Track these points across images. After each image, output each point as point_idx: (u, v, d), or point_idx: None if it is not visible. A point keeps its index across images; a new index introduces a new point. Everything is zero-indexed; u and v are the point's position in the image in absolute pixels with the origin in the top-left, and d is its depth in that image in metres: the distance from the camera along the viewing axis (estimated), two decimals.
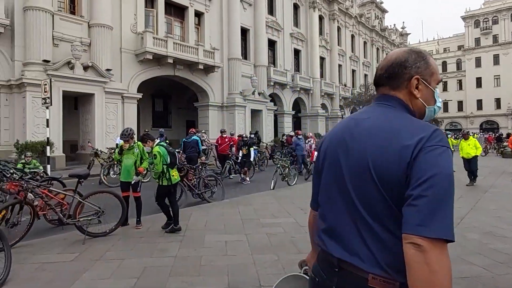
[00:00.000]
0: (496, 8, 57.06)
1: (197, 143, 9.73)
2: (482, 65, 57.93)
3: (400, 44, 54.06)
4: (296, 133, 12.86)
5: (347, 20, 39.50)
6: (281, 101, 29.63)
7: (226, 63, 23.88)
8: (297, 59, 32.22)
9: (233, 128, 22.53)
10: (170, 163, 5.19)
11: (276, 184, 9.29)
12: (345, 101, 36.17)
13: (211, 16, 23.27)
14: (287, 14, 30.52)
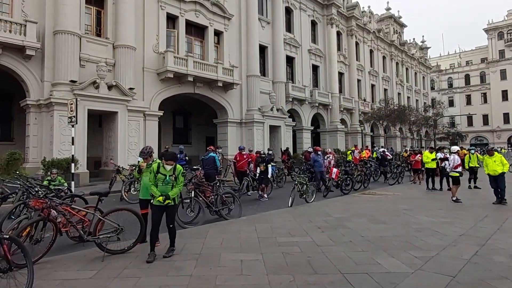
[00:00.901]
0: None
1: (214, 160, 9.84)
2: (507, 78, 56.17)
3: (420, 58, 53.32)
4: (315, 150, 12.75)
5: (365, 35, 39.46)
6: (299, 117, 29.60)
7: (244, 80, 24.23)
8: (315, 75, 32.29)
9: (251, 144, 22.64)
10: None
11: (294, 201, 9.21)
12: (365, 116, 35.69)
13: (230, 34, 23.84)
14: (305, 31, 30.84)
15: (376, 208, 8.82)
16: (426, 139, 49.37)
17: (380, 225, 6.72)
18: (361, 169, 14.10)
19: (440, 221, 7.05)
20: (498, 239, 5.61)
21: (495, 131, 56.85)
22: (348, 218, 7.39)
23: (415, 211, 8.27)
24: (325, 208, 8.76)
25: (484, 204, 9.56)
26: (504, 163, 9.78)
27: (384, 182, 15.95)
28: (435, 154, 13.39)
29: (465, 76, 61.82)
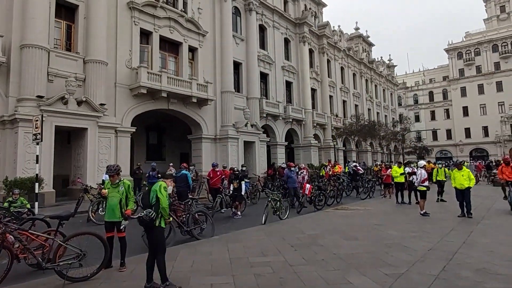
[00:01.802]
0: (478, 41, 59.79)
1: (186, 178, 9.68)
2: (467, 95, 59.74)
3: (388, 75, 55.76)
4: (288, 165, 12.86)
5: (336, 53, 40.88)
6: (274, 133, 29.90)
7: (219, 96, 24.29)
8: (289, 91, 32.90)
9: (226, 160, 22.57)
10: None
11: (268, 218, 9.19)
12: (337, 131, 36.59)
13: (205, 51, 23.96)
14: (278, 48, 31.54)
15: (348, 223, 8.95)
16: (395, 153, 51.16)
17: (352, 241, 6.81)
18: (334, 184, 14.33)
19: (409, 235, 7.26)
20: (464, 253, 5.81)
21: (458, 145, 59.91)
22: (321, 235, 7.44)
23: (385, 226, 8.48)
24: (299, 225, 8.79)
25: (450, 217, 9.93)
26: (471, 178, 10.14)
27: (356, 197, 16.29)
28: (403, 169, 13.87)
29: (429, 93, 65.16)
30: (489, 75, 58.03)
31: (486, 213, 10.55)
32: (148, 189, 4.77)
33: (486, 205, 12.61)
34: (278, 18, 31.68)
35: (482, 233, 7.53)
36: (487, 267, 5.04)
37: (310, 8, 37.19)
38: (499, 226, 8.44)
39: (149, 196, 4.58)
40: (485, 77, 58.39)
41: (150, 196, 4.56)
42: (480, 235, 7.30)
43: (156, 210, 4.43)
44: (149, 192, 4.65)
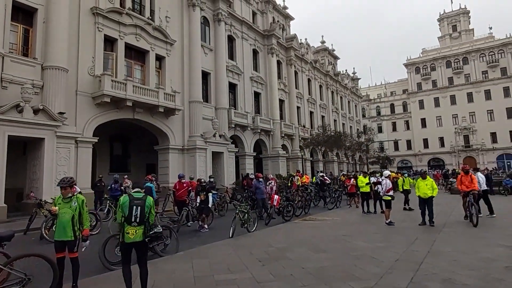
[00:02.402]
0: (433, 57, 63.85)
1: (150, 191, 9.27)
2: (425, 107, 63.34)
3: (352, 87, 57.91)
4: (257, 176, 12.77)
5: (303, 65, 41.88)
6: (242, 143, 29.84)
7: (187, 106, 23.92)
8: (257, 102, 33.12)
9: (194, 172, 22.15)
10: (126, 217, 4.55)
11: (236, 231, 9.00)
12: (305, 142, 37.23)
13: (172, 60, 23.58)
14: (247, 59, 31.78)
15: (316, 235, 8.97)
16: (360, 163, 52.86)
17: (321, 254, 6.80)
18: (302, 195, 14.43)
19: (376, 246, 7.38)
20: (430, 263, 5.92)
21: (417, 155, 63.07)
22: (289, 248, 7.36)
23: (353, 236, 8.59)
24: (267, 238, 8.69)
25: (414, 226, 10.26)
26: (434, 187, 10.55)
27: (323, 207, 16.49)
28: (368, 178, 14.26)
29: (390, 105, 68.37)
30: (443, 89, 61.97)
31: (446, 221, 11.02)
32: (132, 203, 4.60)
33: (445, 213, 13.19)
34: (246, 29, 32.01)
35: (445, 242, 7.80)
36: (453, 277, 5.14)
37: (278, 20, 37.97)
38: (460, 234, 8.81)
39: (144, 210, 4.62)
40: (440, 91, 62.29)
41: (145, 211, 4.62)
42: (443, 244, 7.55)
43: (148, 225, 4.64)
44: (134, 205, 4.58)
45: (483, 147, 56.73)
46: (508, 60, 57.40)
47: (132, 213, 4.54)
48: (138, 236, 4.56)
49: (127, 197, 4.70)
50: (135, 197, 4.68)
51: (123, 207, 4.59)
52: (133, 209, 4.56)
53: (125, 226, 4.54)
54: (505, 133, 55.53)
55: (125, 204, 4.59)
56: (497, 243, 7.43)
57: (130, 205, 4.58)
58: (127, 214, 4.53)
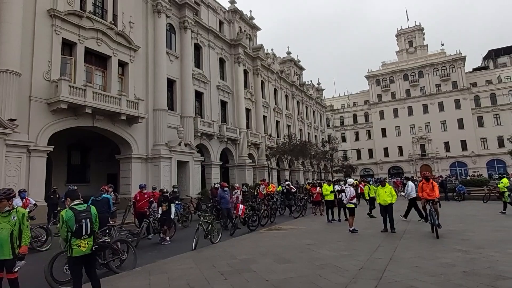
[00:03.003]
0: (391, 70, 67.33)
1: (107, 203, 8.76)
2: (385, 118, 66.39)
3: (317, 98, 59.45)
4: (222, 185, 12.54)
5: (270, 75, 42.42)
6: (208, 152, 29.46)
7: (151, 114, 23.28)
8: (223, 110, 32.96)
9: (158, 181, 21.50)
10: (74, 231, 4.32)
11: (199, 243, 8.70)
12: (271, 151, 37.47)
13: (136, 66, 22.91)
14: (214, 68, 31.65)
15: (281, 244, 8.91)
16: (325, 171, 54.07)
17: (286, 264, 6.70)
18: (268, 204, 14.37)
19: (340, 254, 7.44)
20: (393, 270, 5.99)
21: (378, 163, 65.71)
22: (253, 259, 7.21)
23: (318, 245, 8.61)
24: (231, 249, 8.49)
25: (377, 233, 10.51)
26: (393, 194, 10.90)
27: (289, 215, 16.55)
28: (332, 187, 14.50)
29: (353, 115, 70.93)
30: (401, 100, 65.35)
31: (406, 228, 11.39)
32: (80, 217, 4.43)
33: (406, 219, 13.67)
34: (213, 38, 31.94)
35: (406, 248, 8.01)
36: (415, 284, 5.20)
37: (245, 30, 38.29)
38: (419, 240, 9.11)
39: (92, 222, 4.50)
40: (398, 102, 65.62)
41: (93, 222, 4.53)
42: (404, 250, 7.74)
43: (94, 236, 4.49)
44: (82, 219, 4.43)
45: (438, 155, 60.24)
46: (458, 74, 61.77)
47: (83, 227, 4.40)
48: (89, 248, 4.47)
49: (70, 211, 4.44)
50: (80, 210, 4.49)
51: (69, 222, 4.36)
52: (82, 223, 4.41)
53: (74, 240, 4.35)
54: (457, 143, 59.39)
55: (71, 219, 4.37)
56: (454, 248, 7.74)
57: (78, 219, 4.40)
58: (75, 228, 4.35)
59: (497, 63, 68.14)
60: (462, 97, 60.43)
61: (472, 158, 58.16)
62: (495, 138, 56.73)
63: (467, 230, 10.63)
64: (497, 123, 57.66)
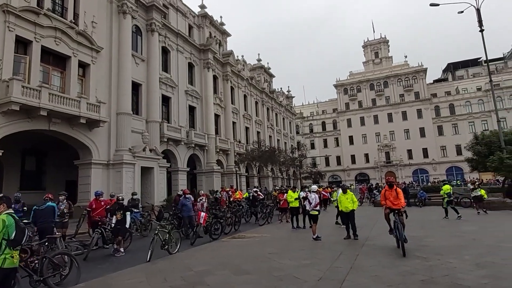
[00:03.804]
0: (359, 80, 69.55)
1: (52, 211, 8.06)
2: (352, 126, 68.30)
3: (287, 105, 60.07)
4: (184, 192, 12.06)
5: (240, 81, 42.31)
6: (175, 158, 28.69)
7: (114, 118, 22.30)
8: (192, 116, 32.34)
9: (120, 188, 20.58)
10: (12, 240, 3.95)
11: (155, 254, 8.19)
12: (240, 157, 37.18)
13: (99, 68, 21.91)
14: (182, 72, 31.04)
15: (242, 254, 8.60)
16: (294, 178, 54.48)
17: (243, 276, 6.40)
18: (232, 211, 14.02)
19: (301, 264, 7.23)
20: (352, 280, 5.84)
21: (346, 170, 67.27)
22: (210, 271, 6.84)
23: (279, 254, 8.38)
24: (188, 260, 8.06)
25: (340, 240, 10.44)
26: (354, 201, 10.96)
27: (255, 223, 16.25)
28: (297, 194, 14.39)
29: (322, 123, 72.36)
30: (368, 109, 67.55)
31: (369, 234, 11.44)
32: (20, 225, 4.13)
33: (369, 225, 13.80)
34: (182, 42, 31.39)
35: (367, 255, 7.95)
36: None
37: (215, 36, 38.02)
38: (381, 247, 9.11)
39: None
40: (365, 111, 67.76)
41: None
42: (365, 258, 7.67)
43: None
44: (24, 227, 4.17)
45: (401, 162, 62.63)
46: (420, 85, 64.84)
47: (23, 236, 4.12)
48: (17, 262, 4.23)
49: (10, 217, 4.06)
50: (17, 218, 4.16)
51: (9, 228, 3.96)
52: (24, 232, 4.12)
53: (7, 250, 3.96)
54: (419, 151, 62.08)
55: (12, 226, 4.00)
56: (414, 255, 7.75)
57: (20, 227, 4.08)
58: (15, 236, 3.98)
59: (455, 75, 72.35)
60: (423, 107, 63.40)
61: (432, 165, 60.94)
62: (453, 146, 59.86)
63: (427, 236, 10.85)
64: (455, 132, 60.93)
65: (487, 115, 58.73)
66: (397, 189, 8.79)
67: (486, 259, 7.06)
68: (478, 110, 60.19)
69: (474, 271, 6.10)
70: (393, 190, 8.72)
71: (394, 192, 8.67)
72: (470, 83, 65.85)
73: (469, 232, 11.26)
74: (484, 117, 59.16)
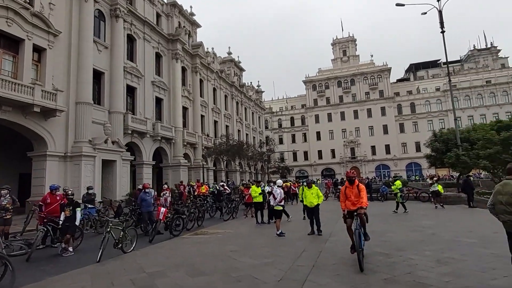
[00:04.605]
0: (327, 77, 70.80)
1: None
2: (320, 121, 69.57)
3: (256, 100, 59.93)
4: (143, 187, 11.49)
5: (209, 74, 41.52)
6: (140, 151, 27.67)
7: (73, 107, 21.02)
8: (159, 108, 31.31)
9: (78, 182, 19.52)
10: None
11: (109, 253, 7.68)
12: (208, 151, 36.62)
13: (56, 53, 20.48)
14: (149, 62, 29.88)
15: (201, 252, 8.28)
16: (262, 173, 54.63)
17: (198, 277, 6.05)
18: (195, 206, 13.63)
19: (262, 262, 7.03)
20: (313, 281, 5.66)
21: (313, 165, 68.53)
22: (163, 272, 6.43)
23: (241, 252, 8.15)
24: (142, 260, 7.61)
25: (304, 236, 10.37)
26: (319, 195, 10.94)
27: (220, 218, 15.96)
28: (261, 189, 14.19)
29: (290, 118, 73.08)
30: (335, 105, 69.03)
31: (333, 230, 11.47)
32: None
33: (333, 220, 13.91)
34: (149, 30, 30.17)
35: (330, 252, 7.85)
36: None
37: (184, 26, 36.93)
38: (345, 242, 9.02)
39: None
40: (332, 107, 69.19)
41: None
42: (328, 255, 7.55)
43: None
44: None
45: (365, 158, 64.71)
46: (384, 84, 67.10)
47: None
48: None
49: None
50: None
51: None
52: None
53: None
54: (382, 147, 64.44)
55: None
56: (376, 251, 7.76)
57: None
58: None
59: (417, 75, 75.57)
60: (387, 105, 65.73)
61: (394, 161, 63.51)
62: (413, 144, 62.68)
63: (388, 230, 11.08)
64: (415, 130, 63.80)
65: (444, 114, 61.96)
66: (359, 185, 7.26)
67: (446, 254, 7.15)
68: (437, 109, 63.37)
69: (436, 268, 6.13)
70: (354, 187, 7.21)
71: (356, 189, 7.16)
72: (430, 83, 69.10)
73: (428, 226, 11.61)
74: (442, 116, 62.39)
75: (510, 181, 4.71)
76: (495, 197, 4.84)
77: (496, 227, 11.07)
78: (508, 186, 4.68)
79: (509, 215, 4.61)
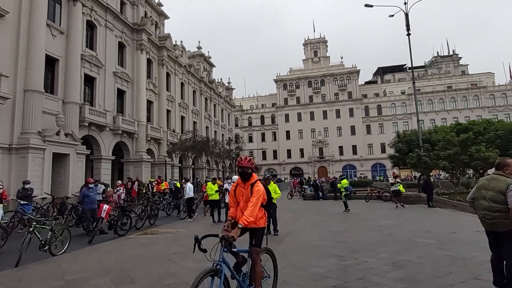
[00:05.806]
0: (298, 76, 71.19)
1: None
2: (290, 121, 69.83)
3: (226, 97, 59.04)
4: (87, 182, 10.47)
5: (177, 68, 40.18)
6: (98, 145, 26.08)
7: (20, 95, 19.26)
8: (121, 100, 29.75)
9: (24, 177, 17.84)
10: None
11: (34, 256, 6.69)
12: (173, 147, 35.37)
13: (2, 35, 18.66)
14: (111, 52, 28.25)
15: (140, 255, 7.48)
16: (230, 170, 53.91)
17: (123, 286, 5.29)
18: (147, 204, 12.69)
19: (205, 266, 6.33)
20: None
21: (281, 164, 68.70)
22: (86, 280, 5.62)
23: (185, 254, 7.39)
24: (68, 264, 6.73)
25: None
26: (277, 192, 10.47)
27: (176, 216, 15.08)
28: (217, 186, 13.52)
29: (260, 116, 72.82)
30: (305, 105, 69.55)
31: (291, 228, 11.06)
32: None
33: (294, 219, 13.55)
34: (112, 18, 28.53)
35: (282, 255, 7.26)
36: None
37: (151, 16, 35.44)
38: (300, 243, 8.68)
39: None
40: (302, 107, 69.67)
41: None
42: (280, 257, 6.80)
43: None
44: None
45: (333, 158, 65.70)
46: (353, 86, 68.44)
47: None
48: None
49: None
50: None
51: None
52: None
53: None
54: (349, 147, 65.71)
55: None
56: (331, 253, 7.39)
57: None
58: None
59: (384, 79, 77.80)
60: (355, 106, 67.09)
61: (360, 162, 64.94)
62: (379, 145, 64.39)
63: (347, 230, 10.79)
64: (381, 131, 65.57)
65: (408, 116, 64.13)
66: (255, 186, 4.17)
67: (402, 257, 6.86)
68: (402, 112, 65.49)
69: (390, 272, 5.77)
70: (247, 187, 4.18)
71: (249, 191, 4.15)
72: (396, 86, 71.34)
73: (387, 226, 11.46)
74: (406, 119, 64.54)
75: (499, 177, 4.30)
76: (479, 191, 4.46)
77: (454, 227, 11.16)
78: (495, 181, 4.29)
79: (492, 212, 4.20)
